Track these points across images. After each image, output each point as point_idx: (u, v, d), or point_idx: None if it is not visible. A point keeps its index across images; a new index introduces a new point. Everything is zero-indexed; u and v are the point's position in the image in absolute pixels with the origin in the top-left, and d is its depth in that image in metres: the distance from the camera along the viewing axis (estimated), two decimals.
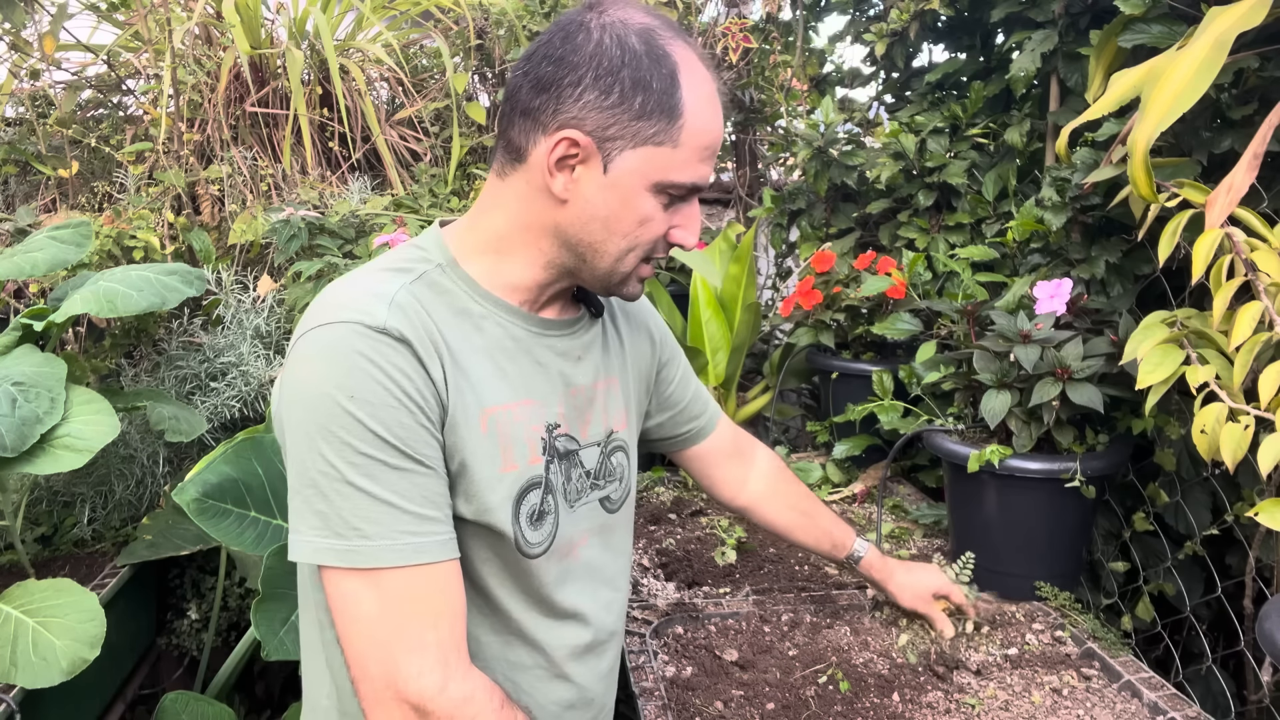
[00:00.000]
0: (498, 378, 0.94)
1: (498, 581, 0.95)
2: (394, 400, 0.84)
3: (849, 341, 2.10)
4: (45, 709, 1.42)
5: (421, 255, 0.96)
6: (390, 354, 0.84)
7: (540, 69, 0.89)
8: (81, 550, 1.78)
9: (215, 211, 2.18)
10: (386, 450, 0.83)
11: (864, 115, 2.56)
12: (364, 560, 0.82)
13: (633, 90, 0.87)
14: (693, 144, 0.90)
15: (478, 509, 0.90)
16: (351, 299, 0.88)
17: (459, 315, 0.93)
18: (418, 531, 0.84)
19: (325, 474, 0.83)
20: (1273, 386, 1.10)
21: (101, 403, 1.42)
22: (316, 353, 0.85)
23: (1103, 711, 1.21)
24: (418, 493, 0.85)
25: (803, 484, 1.39)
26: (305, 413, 0.84)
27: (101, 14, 2.45)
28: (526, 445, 0.95)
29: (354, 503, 0.82)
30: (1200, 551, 1.46)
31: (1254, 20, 1.17)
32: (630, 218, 0.91)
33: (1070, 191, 1.56)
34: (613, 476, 1.08)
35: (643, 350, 1.16)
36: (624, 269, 0.95)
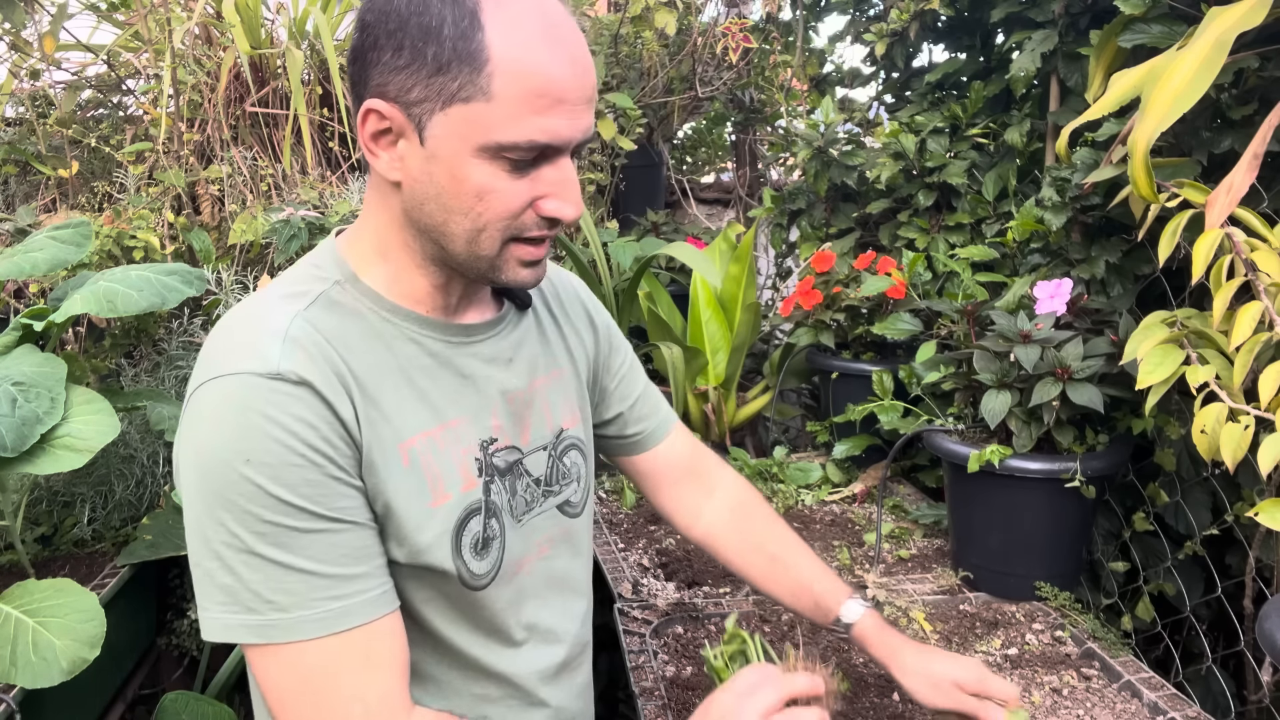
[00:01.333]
0: (417, 402, 0.84)
1: (445, 620, 0.87)
2: (297, 458, 0.74)
3: (849, 341, 2.10)
4: (45, 709, 1.42)
5: (316, 273, 0.85)
6: (288, 403, 0.74)
7: (355, 39, 0.78)
8: (81, 550, 1.78)
9: (215, 211, 2.18)
10: (295, 514, 0.74)
11: (864, 115, 2.55)
12: (281, 635, 0.74)
13: (422, 41, 0.73)
14: (513, 93, 0.73)
15: (411, 551, 0.82)
16: (239, 342, 0.78)
17: (366, 338, 0.83)
18: (340, 595, 0.76)
19: (229, 545, 0.74)
20: (1273, 386, 1.10)
21: (101, 403, 1.42)
22: (206, 413, 0.75)
23: (1103, 711, 1.21)
24: (336, 553, 0.76)
25: (780, 522, 1.16)
26: (201, 480, 0.75)
27: (101, 14, 2.45)
28: (458, 470, 0.86)
29: (264, 574, 0.74)
30: (1200, 551, 1.46)
31: (1254, 20, 1.17)
32: (463, 192, 0.77)
33: (1070, 191, 1.56)
34: (568, 478, 0.98)
35: (584, 336, 1.05)
36: (484, 252, 0.80)
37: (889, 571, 1.62)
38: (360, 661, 0.77)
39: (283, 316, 0.80)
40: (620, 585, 1.56)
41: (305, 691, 0.76)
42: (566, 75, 0.75)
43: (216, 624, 0.75)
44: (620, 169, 2.75)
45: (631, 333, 2.40)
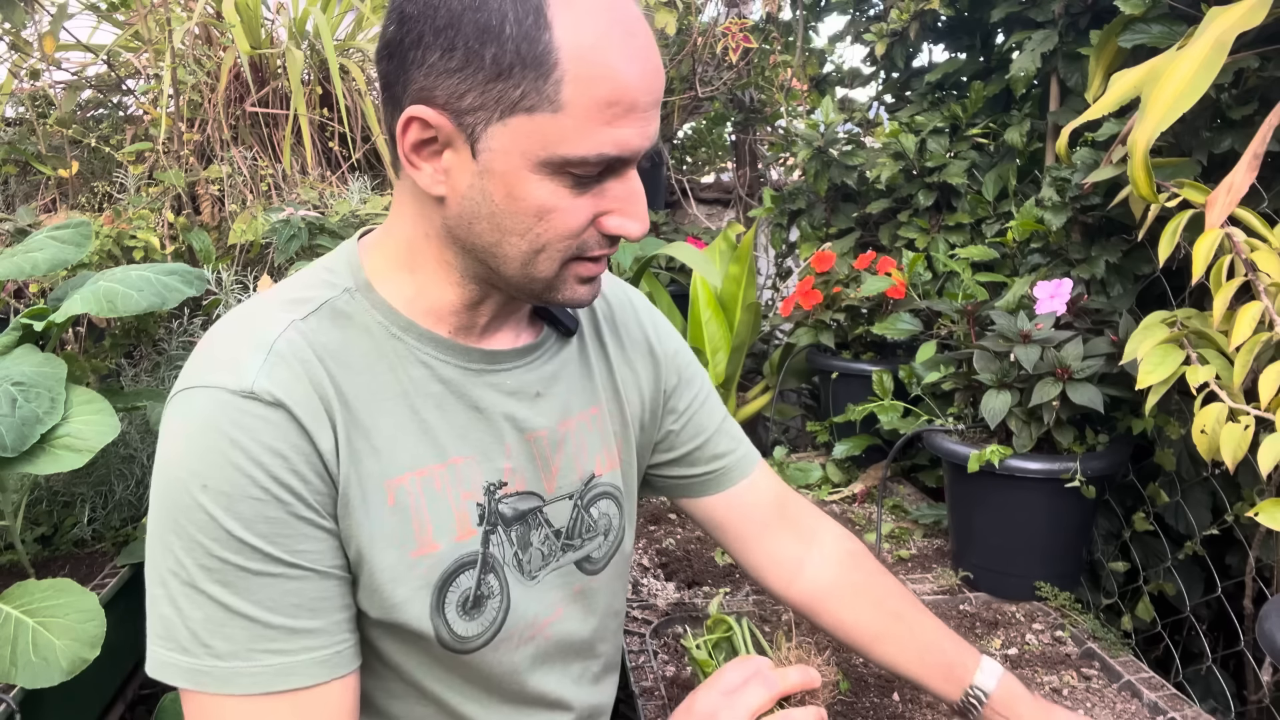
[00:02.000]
0: (417, 434, 0.74)
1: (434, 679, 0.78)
2: (258, 490, 0.65)
3: (849, 341, 2.10)
4: (45, 709, 1.42)
5: (327, 279, 0.76)
6: (257, 427, 0.66)
7: (388, 33, 0.67)
8: (81, 550, 1.78)
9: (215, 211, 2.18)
10: (246, 553, 0.65)
11: (864, 115, 2.56)
12: (213, 684, 0.65)
13: (479, 41, 0.63)
14: (585, 102, 0.64)
15: (382, 606, 0.72)
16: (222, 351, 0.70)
17: (368, 356, 0.73)
18: (284, 650, 0.67)
19: (174, 573, 0.66)
20: (1273, 386, 1.10)
21: (101, 403, 1.42)
22: (174, 427, 0.68)
23: (1103, 711, 1.21)
24: (287, 601, 0.67)
25: (893, 577, 1.02)
26: (158, 497, 0.67)
27: (101, 14, 2.45)
28: (453, 516, 0.76)
29: (205, 612, 0.65)
30: (1200, 551, 1.46)
31: (1254, 20, 1.17)
32: (521, 211, 0.68)
33: (1070, 191, 1.56)
34: (594, 531, 0.87)
35: (639, 369, 0.92)
36: (541, 274, 0.71)
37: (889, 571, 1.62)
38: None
39: (274, 326, 0.71)
40: None
41: None
42: (640, 79, 0.66)
43: (154, 659, 0.68)
44: None
45: None
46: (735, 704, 0.75)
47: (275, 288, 0.79)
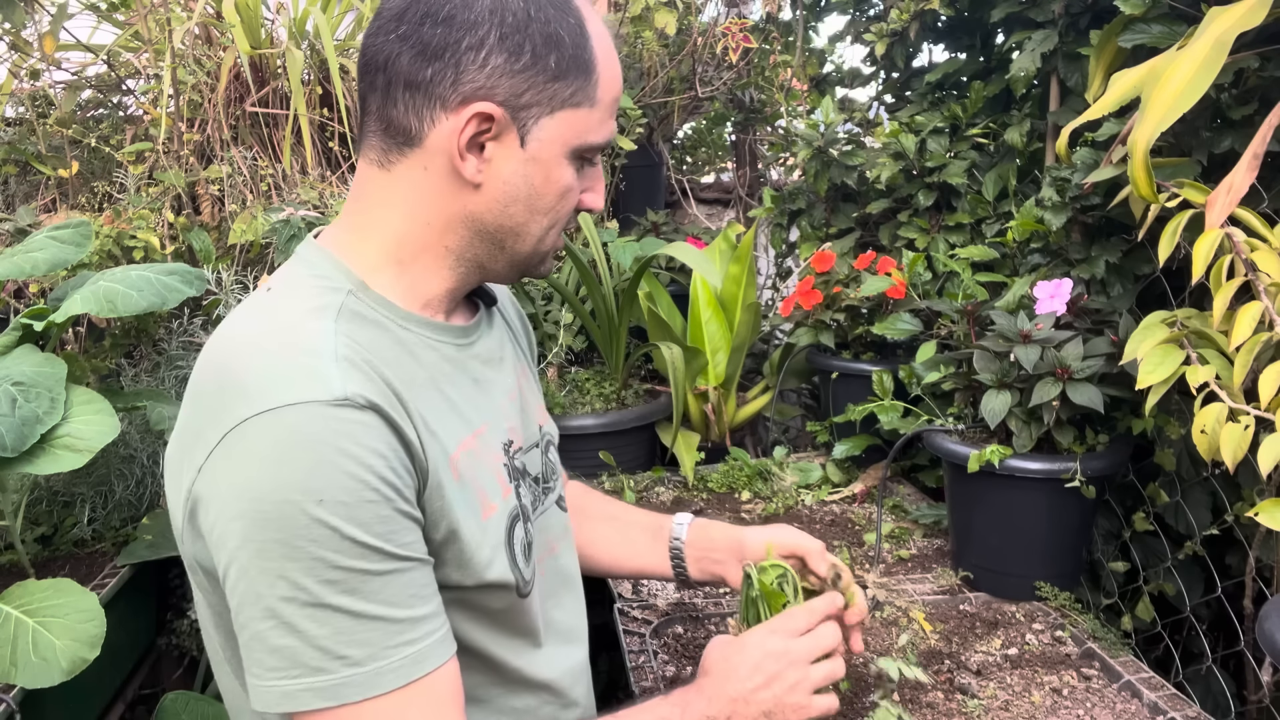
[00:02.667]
0: (450, 412, 0.80)
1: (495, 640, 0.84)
2: (371, 492, 0.68)
3: (849, 341, 2.10)
4: (45, 709, 1.42)
5: (325, 283, 0.79)
6: (358, 432, 0.68)
7: (424, 32, 0.73)
8: (81, 550, 1.78)
9: (215, 211, 2.18)
10: (369, 556, 0.68)
11: (864, 115, 2.55)
12: (357, 692, 0.68)
13: (545, 48, 0.74)
14: (607, 99, 0.80)
15: (476, 570, 0.78)
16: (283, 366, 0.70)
17: (394, 349, 0.78)
18: (414, 639, 0.71)
19: (289, 600, 0.66)
20: (1273, 386, 1.10)
21: (101, 403, 1.42)
22: (261, 451, 0.67)
23: (1103, 711, 1.21)
24: (406, 594, 0.71)
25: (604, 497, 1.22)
26: (256, 529, 0.66)
27: (101, 14, 2.45)
28: (495, 479, 0.84)
29: (334, 626, 0.67)
30: (1200, 551, 1.46)
31: (1254, 20, 1.17)
32: (552, 192, 0.80)
33: (1070, 191, 1.56)
34: (555, 473, 0.98)
35: (520, 332, 1.05)
36: (545, 248, 0.84)
37: (889, 571, 1.62)
38: (431, 708, 0.72)
39: (322, 333, 0.73)
40: (620, 585, 1.56)
41: None
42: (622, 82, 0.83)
43: (273, 693, 0.68)
44: (620, 169, 2.74)
45: (632, 333, 2.40)
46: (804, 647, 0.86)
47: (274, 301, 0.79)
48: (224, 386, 0.71)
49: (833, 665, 0.87)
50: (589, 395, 2.29)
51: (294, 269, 0.82)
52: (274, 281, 0.82)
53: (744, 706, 0.83)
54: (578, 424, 2.14)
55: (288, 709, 0.68)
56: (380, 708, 0.69)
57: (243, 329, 0.76)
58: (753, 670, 0.84)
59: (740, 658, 0.85)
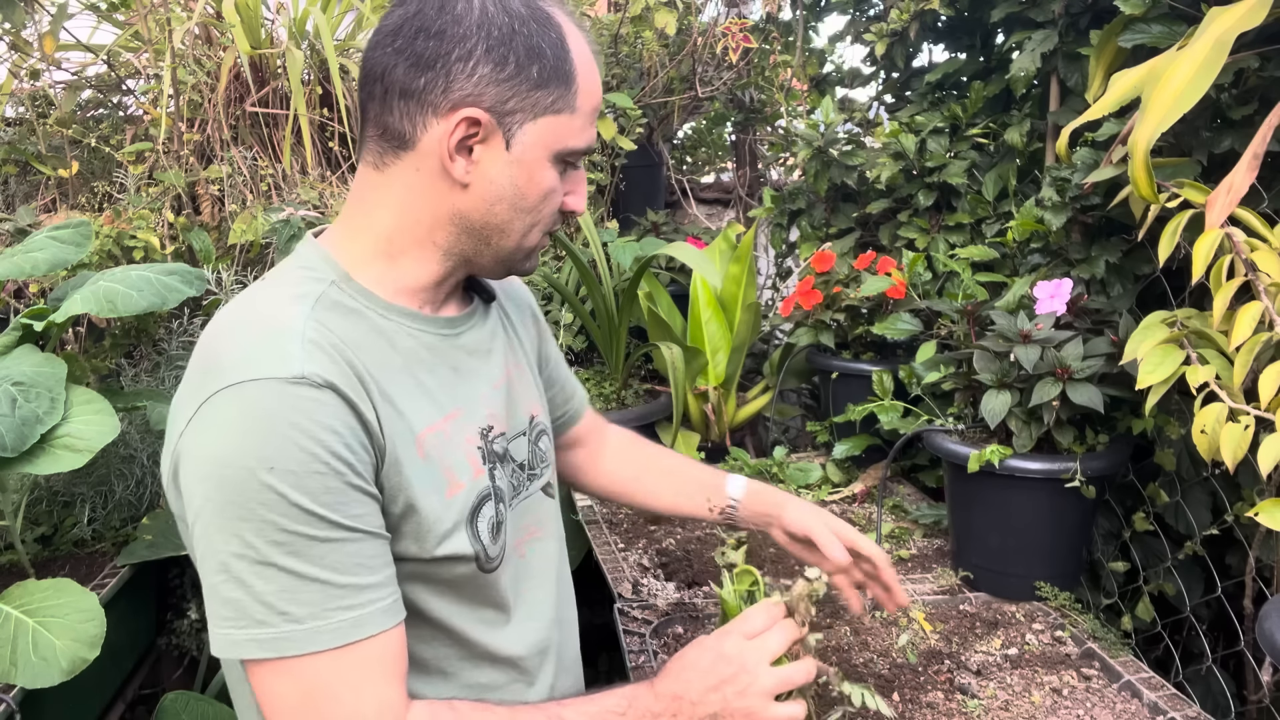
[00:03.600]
0: (422, 396, 0.86)
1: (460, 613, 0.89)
2: (320, 464, 0.74)
3: (849, 341, 2.10)
4: (45, 709, 1.42)
5: (309, 275, 0.86)
6: (313, 409, 0.74)
7: (417, 44, 0.81)
8: (81, 550, 1.78)
9: (215, 211, 2.18)
10: (314, 523, 0.74)
11: (864, 115, 2.55)
12: (294, 647, 0.73)
13: (527, 59, 0.81)
14: (586, 107, 0.86)
15: (433, 543, 0.83)
16: (253, 346, 0.77)
17: (370, 335, 0.84)
18: (354, 605, 0.76)
19: (241, 556, 0.73)
20: (1273, 386, 1.10)
21: (101, 403, 1.42)
22: (225, 420, 0.74)
23: (1103, 711, 1.21)
24: (350, 562, 0.76)
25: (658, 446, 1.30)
26: (215, 490, 0.73)
27: (101, 14, 2.45)
28: (466, 460, 0.88)
29: (278, 584, 0.73)
30: (1200, 551, 1.46)
31: (1254, 20, 1.17)
32: (535, 193, 0.86)
33: (1070, 191, 1.56)
34: (544, 461, 1.02)
35: (529, 328, 1.10)
36: (528, 245, 0.90)
37: None
38: (364, 673, 0.77)
39: (296, 317, 0.80)
40: (620, 585, 1.56)
41: (308, 706, 0.75)
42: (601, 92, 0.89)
43: (223, 641, 0.75)
44: (620, 169, 2.74)
45: (631, 333, 2.40)
46: (757, 649, 0.87)
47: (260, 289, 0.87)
48: (206, 363, 0.79)
49: (789, 670, 0.87)
50: (589, 395, 2.30)
51: (287, 262, 0.90)
52: (269, 273, 0.90)
53: (689, 708, 0.85)
54: None
55: (234, 655, 0.75)
56: (316, 665, 0.74)
57: (230, 313, 0.84)
58: (704, 672, 0.86)
59: (694, 657, 0.87)
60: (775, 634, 0.88)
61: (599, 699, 0.87)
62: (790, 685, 0.87)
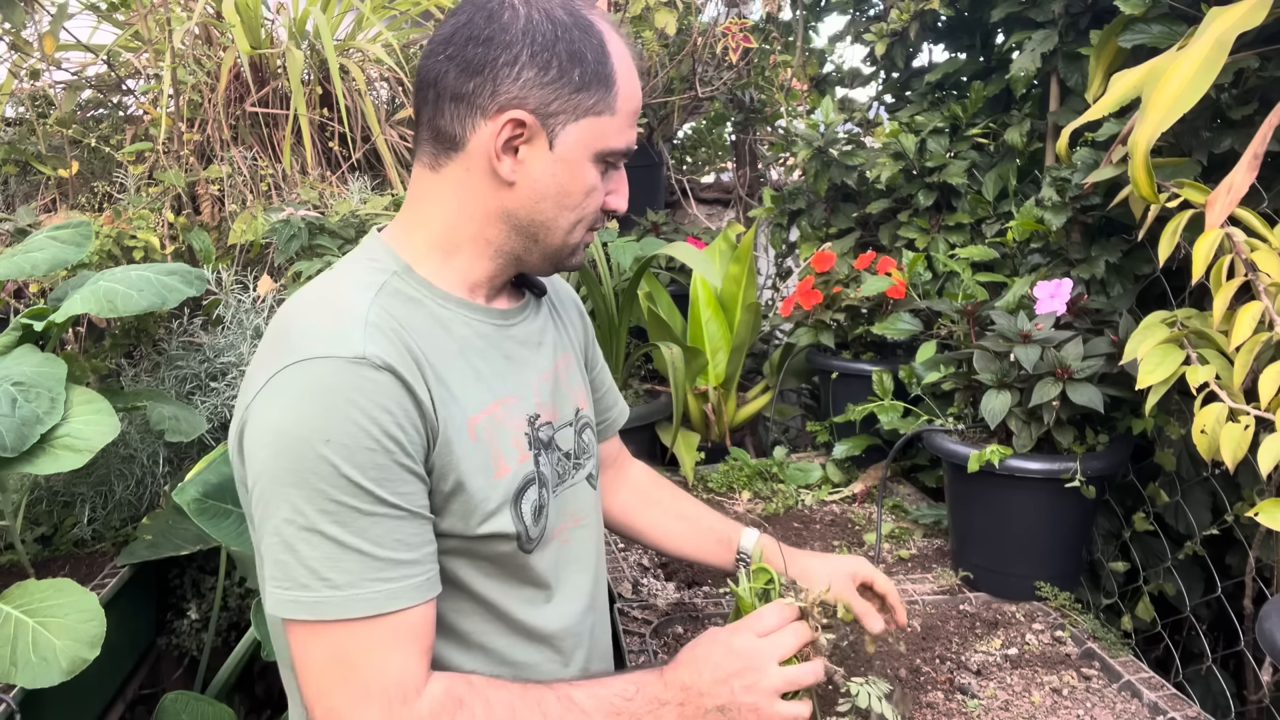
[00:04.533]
0: (475, 381, 0.91)
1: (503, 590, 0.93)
2: (372, 441, 0.79)
3: (849, 341, 2.10)
4: (45, 709, 1.42)
5: (376, 265, 0.92)
6: (370, 388, 0.80)
7: (467, 52, 0.87)
8: (81, 550, 1.78)
9: (215, 211, 2.18)
10: (360, 496, 0.79)
11: (864, 115, 2.55)
12: (332, 611, 0.79)
13: (570, 63, 0.87)
14: (626, 109, 0.91)
15: (478, 521, 0.88)
16: (321, 326, 0.83)
17: (428, 323, 0.89)
18: (391, 579, 0.80)
19: (290, 521, 0.79)
20: (1273, 386, 1.10)
21: (101, 403, 1.42)
22: (290, 394, 0.80)
23: (1103, 711, 1.21)
24: (391, 538, 0.81)
25: (678, 489, 1.31)
26: (274, 458, 0.79)
27: (101, 14, 2.45)
28: (513, 445, 0.93)
29: (323, 551, 0.78)
30: (1200, 551, 1.46)
31: (1254, 20, 1.17)
32: (578, 190, 0.91)
33: (1070, 191, 1.56)
34: (588, 453, 1.06)
35: (576, 326, 1.15)
36: (573, 241, 0.94)
37: (889, 571, 1.62)
38: (391, 643, 0.81)
39: (361, 302, 0.86)
40: (620, 585, 1.56)
41: (336, 667, 0.79)
42: (641, 96, 0.94)
43: (270, 599, 0.80)
44: None
45: (631, 333, 2.40)
46: (768, 647, 0.89)
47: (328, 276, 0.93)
48: (277, 339, 0.85)
49: (798, 671, 0.89)
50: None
51: (355, 254, 0.96)
52: (338, 263, 0.97)
53: (696, 698, 0.87)
54: None
55: (279, 614, 0.80)
56: (349, 630, 0.79)
57: (303, 296, 0.90)
58: (714, 665, 0.88)
59: (705, 650, 0.90)
60: (787, 634, 0.91)
61: (609, 683, 0.89)
62: (797, 685, 0.89)
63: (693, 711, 0.87)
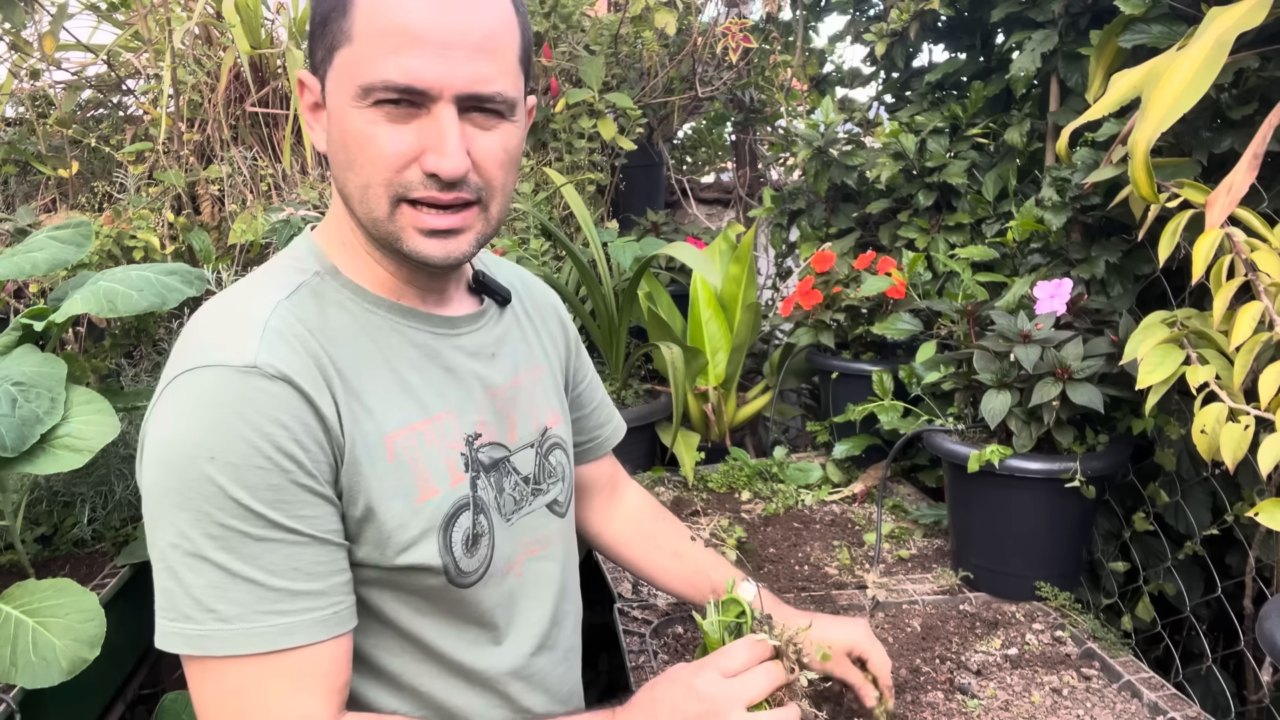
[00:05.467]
0: (403, 395, 0.82)
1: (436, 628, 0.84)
2: (263, 459, 0.70)
3: (849, 341, 2.10)
4: (45, 709, 1.42)
5: (295, 265, 0.83)
6: (262, 401, 0.71)
7: None
8: (81, 550, 1.78)
9: (215, 211, 2.18)
10: (252, 520, 0.70)
11: (864, 115, 2.55)
12: (218, 647, 0.70)
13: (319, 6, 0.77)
14: (369, 31, 0.73)
15: (395, 551, 0.78)
16: (216, 333, 0.75)
17: (350, 330, 0.80)
18: (286, 611, 0.72)
19: (176, 546, 0.71)
20: (1273, 386, 1.10)
21: (101, 403, 1.42)
22: (177, 407, 0.72)
23: (1103, 711, 1.21)
24: (288, 565, 0.72)
25: (676, 522, 1.21)
26: (161, 475, 0.71)
27: (101, 14, 2.45)
28: (445, 465, 0.83)
29: (209, 579, 0.70)
30: (1200, 551, 1.46)
31: (1254, 20, 1.17)
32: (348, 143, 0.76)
33: (1070, 191, 1.56)
34: (554, 477, 0.97)
35: (556, 337, 1.05)
36: (376, 213, 0.77)
37: (889, 571, 1.62)
38: (292, 683, 0.72)
39: (264, 306, 0.77)
40: (620, 585, 1.56)
41: (229, 708, 0.72)
42: (426, 13, 0.72)
43: (158, 631, 0.74)
44: (620, 169, 2.75)
45: (631, 333, 2.40)
46: (736, 689, 0.79)
47: (248, 280, 0.84)
48: (178, 347, 0.77)
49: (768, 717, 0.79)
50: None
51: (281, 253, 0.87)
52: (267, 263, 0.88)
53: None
54: None
55: (163, 647, 0.73)
56: (241, 668, 0.71)
57: (216, 300, 0.82)
58: (671, 708, 0.79)
59: (665, 690, 0.80)
60: (757, 675, 0.81)
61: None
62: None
63: None
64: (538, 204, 2.47)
